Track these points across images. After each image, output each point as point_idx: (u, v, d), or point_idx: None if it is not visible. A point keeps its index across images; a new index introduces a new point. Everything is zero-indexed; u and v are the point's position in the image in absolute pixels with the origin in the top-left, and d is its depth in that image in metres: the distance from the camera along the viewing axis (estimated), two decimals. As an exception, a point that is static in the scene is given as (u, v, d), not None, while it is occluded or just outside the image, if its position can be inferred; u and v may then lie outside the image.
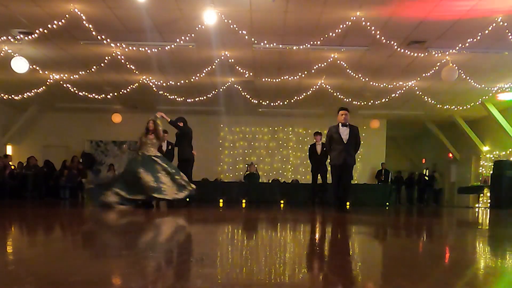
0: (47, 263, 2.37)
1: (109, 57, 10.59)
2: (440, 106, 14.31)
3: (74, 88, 12.68)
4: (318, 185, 12.21)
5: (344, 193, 8.50)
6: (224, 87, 13.20)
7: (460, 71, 10.66)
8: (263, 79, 12.76)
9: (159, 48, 10.15)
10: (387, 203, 14.97)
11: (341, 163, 8.42)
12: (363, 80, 11.92)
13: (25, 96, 13.24)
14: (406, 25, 9.19)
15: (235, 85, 13.16)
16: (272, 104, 14.52)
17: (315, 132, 12.63)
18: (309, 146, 12.59)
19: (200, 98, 13.98)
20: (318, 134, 12.35)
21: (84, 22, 8.79)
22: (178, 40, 9.45)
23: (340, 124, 8.52)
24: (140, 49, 10.22)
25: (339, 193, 8.57)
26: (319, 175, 12.15)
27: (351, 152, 8.51)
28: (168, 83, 12.56)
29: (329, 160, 8.76)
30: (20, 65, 10.10)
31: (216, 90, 13.51)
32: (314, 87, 13.10)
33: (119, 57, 10.76)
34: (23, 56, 10.22)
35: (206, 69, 11.49)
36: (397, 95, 13.44)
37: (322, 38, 9.37)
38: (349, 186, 8.64)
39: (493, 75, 12.30)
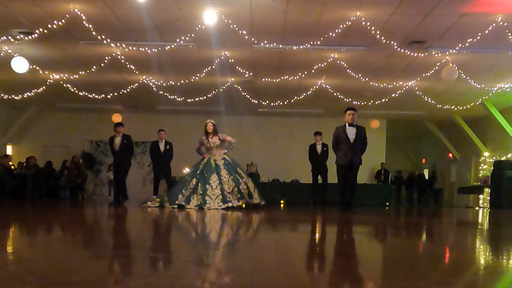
0: (47, 263, 2.37)
1: (109, 57, 10.59)
2: (440, 106, 14.30)
3: (74, 88, 12.68)
4: (318, 185, 12.12)
5: (349, 193, 8.46)
6: (224, 87, 13.20)
7: (460, 71, 10.66)
8: (263, 79, 12.75)
9: (159, 48, 10.14)
10: (387, 203, 14.98)
11: (347, 162, 8.40)
12: (363, 80, 11.91)
13: (25, 96, 13.25)
14: (406, 25, 9.19)
15: (235, 85, 13.16)
16: (272, 104, 14.51)
17: (315, 132, 12.39)
18: (309, 146, 12.39)
19: (200, 98, 13.98)
20: (318, 134, 12.15)
21: (84, 22, 8.79)
22: (178, 40, 9.45)
23: (347, 124, 8.50)
24: (140, 49, 10.22)
25: (344, 193, 8.55)
26: (319, 175, 12.08)
27: (358, 152, 8.49)
28: (168, 83, 12.56)
29: (335, 160, 8.76)
30: (20, 65, 10.10)
31: (216, 90, 13.51)
32: (314, 87, 13.10)
33: (119, 57, 10.76)
34: (23, 56, 10.21)
35: (206, 69, 11.48)
36: (397, 95, 13.44)
37: (322, 38, 9.37)
38: (354, 186, 8.60)
39: (493, 75, 12.30)
